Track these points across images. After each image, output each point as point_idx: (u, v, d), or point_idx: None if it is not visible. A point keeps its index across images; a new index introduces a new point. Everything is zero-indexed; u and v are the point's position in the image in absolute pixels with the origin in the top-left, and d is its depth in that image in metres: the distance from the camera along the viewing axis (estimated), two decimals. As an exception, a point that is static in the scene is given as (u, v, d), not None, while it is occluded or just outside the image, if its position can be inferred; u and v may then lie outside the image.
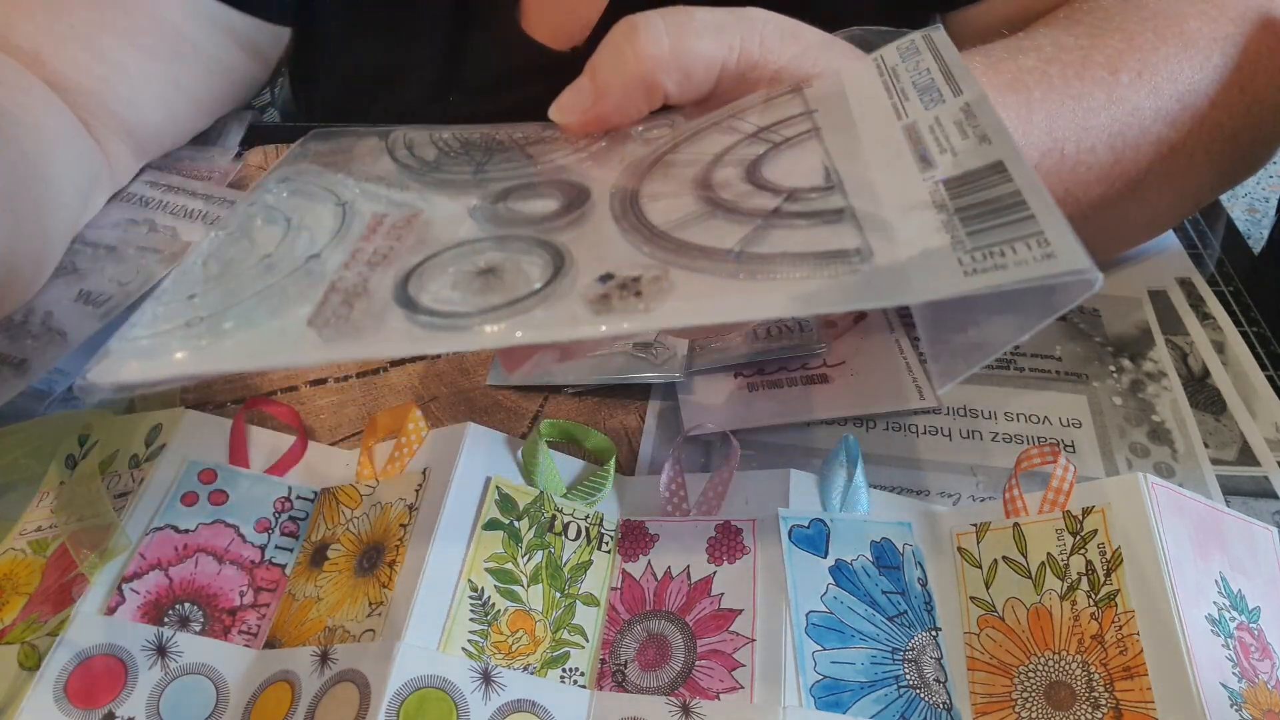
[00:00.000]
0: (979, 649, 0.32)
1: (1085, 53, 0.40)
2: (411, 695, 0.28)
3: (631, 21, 0.32)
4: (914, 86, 0.30)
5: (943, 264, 0.23)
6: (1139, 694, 0.29)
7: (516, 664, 0.31)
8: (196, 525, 0.34)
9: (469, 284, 0.26)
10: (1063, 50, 0.40)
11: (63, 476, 0.37)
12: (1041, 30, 0.42)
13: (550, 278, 0.26)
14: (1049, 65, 0.39)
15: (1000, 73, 0.38)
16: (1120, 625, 0.30)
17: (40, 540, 0.34)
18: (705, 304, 0.24)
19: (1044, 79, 0.38)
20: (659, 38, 0.32)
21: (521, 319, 0.25)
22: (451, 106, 0.63)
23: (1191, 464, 0.39)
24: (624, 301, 0.24)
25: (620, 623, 0.33)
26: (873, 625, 0.32)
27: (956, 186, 0.26)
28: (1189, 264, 0.49)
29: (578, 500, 0.36)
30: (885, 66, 0.32)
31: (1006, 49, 0.40)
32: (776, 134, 0.31)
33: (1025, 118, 0.37)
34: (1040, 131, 0.38)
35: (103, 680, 0.30)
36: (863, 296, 0.24)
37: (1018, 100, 0.37)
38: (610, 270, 0.26)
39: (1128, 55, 0.40)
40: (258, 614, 0.33)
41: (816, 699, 0.30)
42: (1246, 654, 0.30)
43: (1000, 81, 0.38)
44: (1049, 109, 0.38)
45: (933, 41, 0.32)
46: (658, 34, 0.32)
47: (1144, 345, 0.45)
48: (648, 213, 0.28)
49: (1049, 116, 0.38)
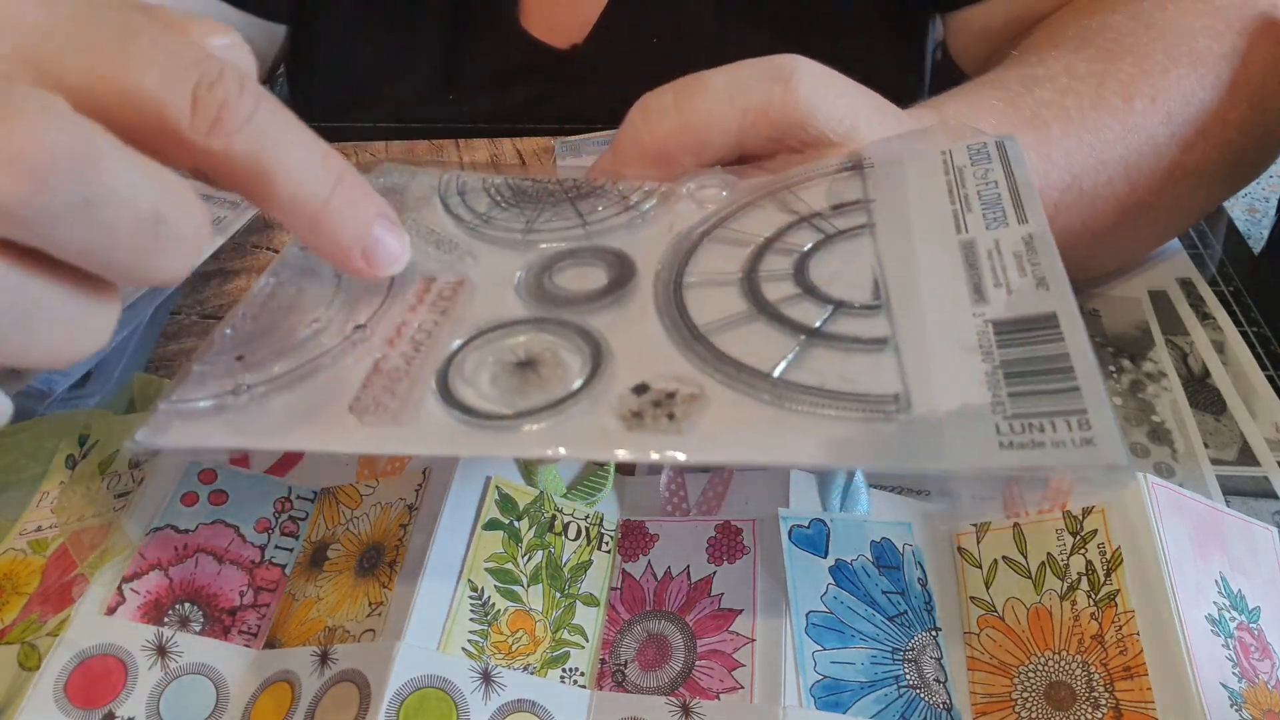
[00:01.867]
0: (979, 649, 0.32)
1: (1099, 80, 0.40)
2: (411, 695, 0.28)
3: (644, 99, 0.33)
4: (978, 198, 0.29)
5: (979, 428, 0.23)
6: (1139, 694, 0.29)
7: (516, 664, 0.31)
8: (196, 525, 0.34)
9: (508, 379, 0.27)
10: (1077, 79, 0.39)
11: (63, 476, 0.37)
12: (1053, 55, 0.41)
13: (588, 376, 0.26)
14: (1065, 97, 0.39)
15: (1019, 109, 0.38)
16: (1120, 625, 0.30)
17: (40, 540, 0.34)
18: (736, 439, 0.24)
19: (1062, 113, 0.38)
20: (667, 111, 0.32)
21: (559, 427, 0.25)
22: (451, 105, 0.63)
23: (1191, 464, 0.39)
24: (656, 422, 0.25)
25: (620, 623, 0.33)
26: (873, 625, 0.32)
27: (1006, 333, 0.25)
28: (1189, 264, 0.49)
29: (578, 500, 0.36)
30: (952, 165, 0.31)
31: (1022, 81, 0.40)
32: (830, 223, 0.30)
33: (1045, 155, 0.37)
34: (1060, 170, 0.38)
35: (103, 680, 0.30)
36: (895, 455, 0.23)
37: (1037, 138, 0.37)
38: (646, 380, 0.26)
39: (1141, 81, 0.40)
40: (258, 614, 0.33)
41: (816, 699, 0.30)
42: (1246, 654, 0.31)
43: (1020, 119, 0.38)
44: (1068, 145, 0.38)
45: (1005, 152, 0.31)
46: (666, 107, 0.32)
47: (1144, 345, 0.45)
48: (690, 304, 0.28)
49: (1067, 153, 0.38)
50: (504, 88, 0.62)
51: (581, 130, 0.58)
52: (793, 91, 0.32)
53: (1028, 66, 0.41)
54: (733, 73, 0.32)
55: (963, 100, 0.39)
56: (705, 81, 0.32)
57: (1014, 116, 0.38)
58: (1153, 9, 0.43)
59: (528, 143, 0.58)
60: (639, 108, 0.33)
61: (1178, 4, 0.43)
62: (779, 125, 0.32)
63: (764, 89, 0.32)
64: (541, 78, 0.61)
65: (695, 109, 0.32)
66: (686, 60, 0.61)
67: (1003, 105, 0.38)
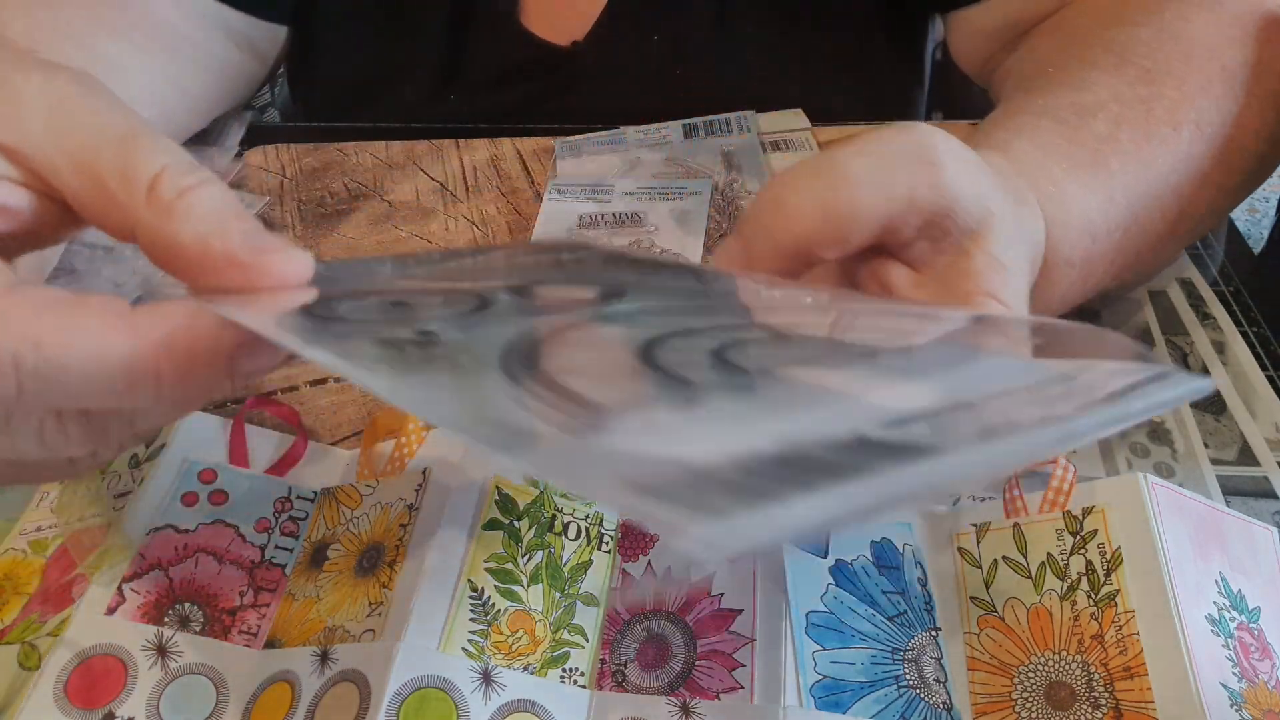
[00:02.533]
0: (979, 649, 0.32)
1: (1147, 107, 0.40)
2: (411, 695, 0.28)
3: (775, 190, 0.29)
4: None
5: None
6: (1139, 694, 0.29)
7: (516, 664, 0.31)
8: (196, 525, 0.34)
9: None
10: (1126, 106, 0.40)
11: (62, 476, 0.37)
12: (1094, 76, 0.41)
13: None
14: (1119, 129, 0.39)
15: (1080, 145, 0.38)
16: (1120, 625, 0.30)
17: (40, 540, 0.34)
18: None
19: (1118, 148, 0.38)
20: (805, 204, 0.28)
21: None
22: (451, 105, 0.63)
23: (1191, 464, 0.39)
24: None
25: (620, 623, 0.33)
26: (873, 625, 0.32)
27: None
28: (1189, 264, 0.49)
29: (578, 500, 0.36)
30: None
31: (1075, 110, 0.39)
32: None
33: (1109, 197, 0.37)
34: (1120, 208, 0.38)
35: (103, 680, 0.30)
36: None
37: (1099, 180, 0.37)
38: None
39: (1185, 106, 0.40)
40: (258, 614, 0.33)
41: (816, 699, 0.30)
42: (1246, 654, 0.30)
43: (1083, 157, 0.37)
44: (1127, 182, 0.38)
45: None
46: (803, 200, 0.28)
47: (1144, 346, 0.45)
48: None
49: (1127, 190, 0.38)
50: (504, 86, 0.62)
51: (581, 130, 0.58)
52: (940, 174, 0.28)
53: (1074, 91, 0.40)
54: (874, 156, 0.29)
55: (1030, 141, 0.38)
56: (845, 168, 0.29)
57: (1079, 156, 0.37)
58: (1175, 20, 0.43)
59: (528, 142, 0.58)
60: (771, 200, 0.29)
61: (1198, 14, 0.43)
62: (925, 214, 0.29)
63: (910, 174, 0.28)
64: (542, 75, 0.61)
65: (839, 201, 0.28)
66: (687, 58, 0.62)
67: (1065, 144, 0.38)
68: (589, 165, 0.56)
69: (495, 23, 0.60)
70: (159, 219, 0.24)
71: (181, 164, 0.25)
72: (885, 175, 0.28)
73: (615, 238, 0.51)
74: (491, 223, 0.53)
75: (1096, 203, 0.37)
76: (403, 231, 0.52)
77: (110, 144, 0.24)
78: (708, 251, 0.50)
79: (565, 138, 0.58)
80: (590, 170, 0.56)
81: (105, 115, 0.25)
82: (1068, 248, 0.36)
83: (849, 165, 0.28)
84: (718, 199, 0.53)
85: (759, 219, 0.30)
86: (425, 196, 0.55)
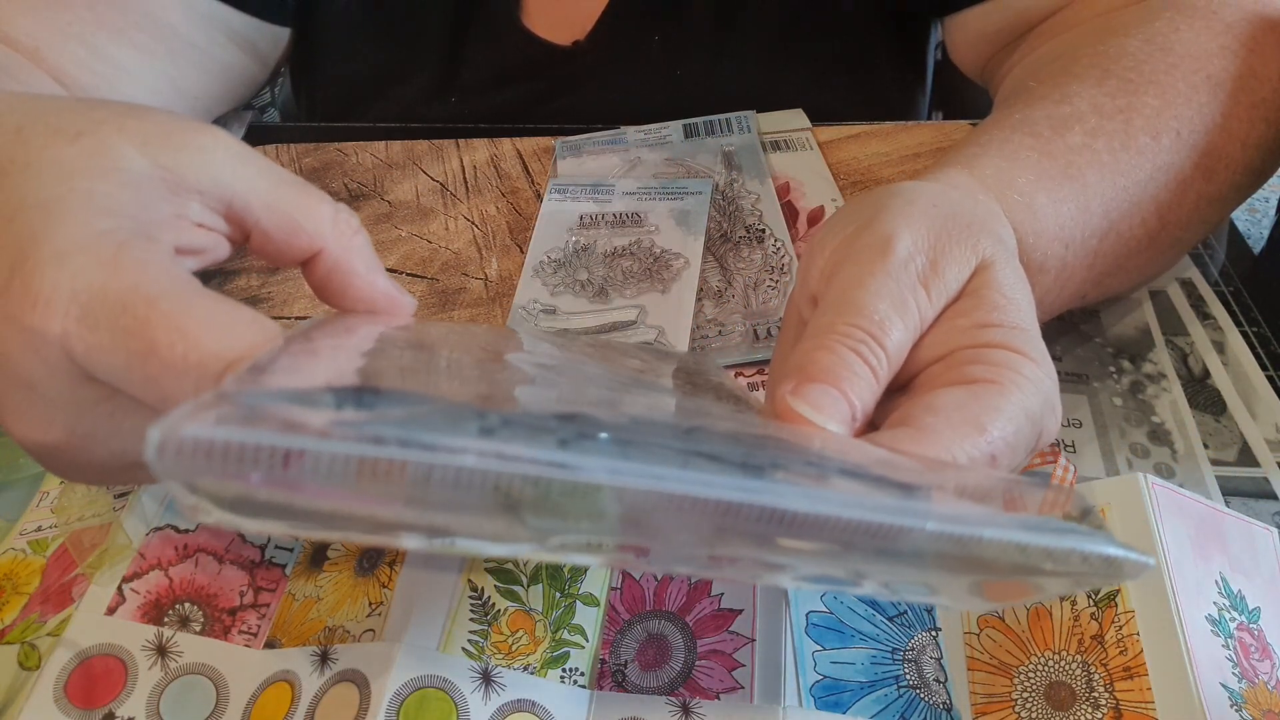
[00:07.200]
0: (979, 649, 0.32)
1: (1126, 118, 0.39)
2: (411, 695, 0.28)
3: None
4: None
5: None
6: (1139, 694, 0.29)
7: (516, 664, 0.31)
8: (196, 525, 0.34)
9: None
10: (1104, 117, 0.39)
11: (63, 476, 0.37)
12: (1075, 88, 0.41)
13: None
14: (1095, 139, 0.39)
15: (1053, 157, 0.38)
16: (1120, 625, 0.30)
17: (40, 540, 0.34)
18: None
19: (1094, 159, 0.38)
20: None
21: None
22: (452, 105, 0.63)
23: (1191, 464, 0.39)
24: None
25: (620, 623, 0.33)
26: (873, 625, 0.32)
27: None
28: (1189, 264, 0.49)
29: (578, 500, 0.36)
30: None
31: (1051, 123, 0.39)
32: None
33: (1084, 207, 0.37)
34: (1097, 218, 0.38)
35: (103, 680, 0.30)
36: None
37: (1074, 190, 0.37)
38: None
39: (1166, 115, 0.40)
40: (258, 614, 0.33)
41: (816, 699, 0.30)
42: (1246, 654, 0.30)
43: (1055, 169, 0.37)
44: (1103, 192, 0.38)
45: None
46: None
47: (1144, 346, 0.45)
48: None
49: (1104, 200, 0.38)
50: (505, 86, 0.62)
51: (582, 130, 0.58)
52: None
53: (1053, 104, 0.40)
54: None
55: (998, 155, 0.37)
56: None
57: (1049, 167, 0.37)
58: (1166, 30, 0.43)
59: (528, 143, 0.58)
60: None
61: (1190, 24, 0.43)
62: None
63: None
64: (542, 75, 0.61)
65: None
66: (687, 58, 0.62)
67: (1037, 156, 0.37)
68: (589, 165, 0.56)
69: (496, 22, 0.60)
70: (343, 250, 0.28)
71: (341, 206, 0.29)
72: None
73: (615, 238, 0.51)
74: (491, 223, 0.53)
75: (1069, 211, 0.37)
76: (403, 231, 0.52)
77: (288, 184, 0.28)
78: (708, 251, 0.50)
79: (565, 138, 0.58)
80: (590, 170, 0.56)
81: (265, 160, 0.28)
82: (1040, 255, 0.36)
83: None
84: (718, 199, 0.53)
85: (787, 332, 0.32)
86: (425, 196, 0.55)
